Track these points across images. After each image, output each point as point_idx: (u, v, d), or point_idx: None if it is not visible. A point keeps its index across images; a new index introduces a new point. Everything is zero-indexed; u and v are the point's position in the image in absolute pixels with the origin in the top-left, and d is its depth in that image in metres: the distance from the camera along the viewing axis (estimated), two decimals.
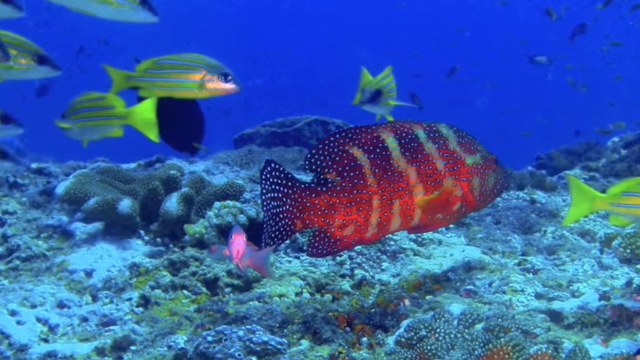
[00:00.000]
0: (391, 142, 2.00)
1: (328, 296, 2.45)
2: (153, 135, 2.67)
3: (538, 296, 2.24)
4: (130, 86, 2.70)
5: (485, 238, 3.09)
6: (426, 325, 1.84)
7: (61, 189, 3.09)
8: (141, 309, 2.49)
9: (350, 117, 6.42)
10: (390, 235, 2.82)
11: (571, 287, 2.30)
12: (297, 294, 2.47)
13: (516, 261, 2.70)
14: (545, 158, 5.90)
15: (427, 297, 2.26)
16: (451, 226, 3.23)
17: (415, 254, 2.86)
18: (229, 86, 2.63)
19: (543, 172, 4.96)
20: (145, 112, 2.66)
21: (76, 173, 3.38)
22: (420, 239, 3.00)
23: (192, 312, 2.37)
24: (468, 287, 2.33)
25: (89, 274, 2.70)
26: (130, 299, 2.53)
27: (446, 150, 2.07)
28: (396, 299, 2.20)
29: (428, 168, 2.03)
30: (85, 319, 2.38)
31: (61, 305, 2.47)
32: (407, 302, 2.19)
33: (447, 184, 2.06)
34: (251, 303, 2.35)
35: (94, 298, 2.56)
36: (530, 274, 2.53)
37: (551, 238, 3.16)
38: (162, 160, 4.49)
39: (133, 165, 4.46)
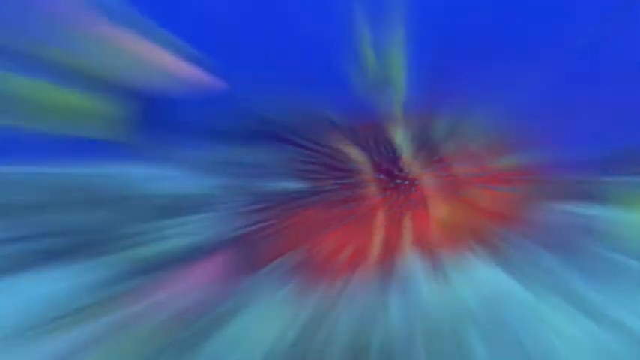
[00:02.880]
0: None
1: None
2: None
3: (582, 331, 1.89)
4: None
5: (517, 262, 2.75)
6: None
7: None
8: None
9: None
10: (399, 256, 2.50)
11: (625, 321, 1.95)
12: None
13: (556, 290, 2.36)
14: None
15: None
16: (476, 246, 2.90)
17: (430, 280, 2.52)
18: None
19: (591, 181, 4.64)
20: None
21: None
22: (436, 262, 2.67)
23: None
24: (496, 321, 2.00)
25: None
26: None
27: (468, 153, 1.74)
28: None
29: (444, 174, 1.70)
30: None
31: None
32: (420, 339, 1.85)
33: (470, 194, 1.73)
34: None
35: None
36: (574, 305, 2.19)
37: (601, 261, 2.81)
38: None
39: None
